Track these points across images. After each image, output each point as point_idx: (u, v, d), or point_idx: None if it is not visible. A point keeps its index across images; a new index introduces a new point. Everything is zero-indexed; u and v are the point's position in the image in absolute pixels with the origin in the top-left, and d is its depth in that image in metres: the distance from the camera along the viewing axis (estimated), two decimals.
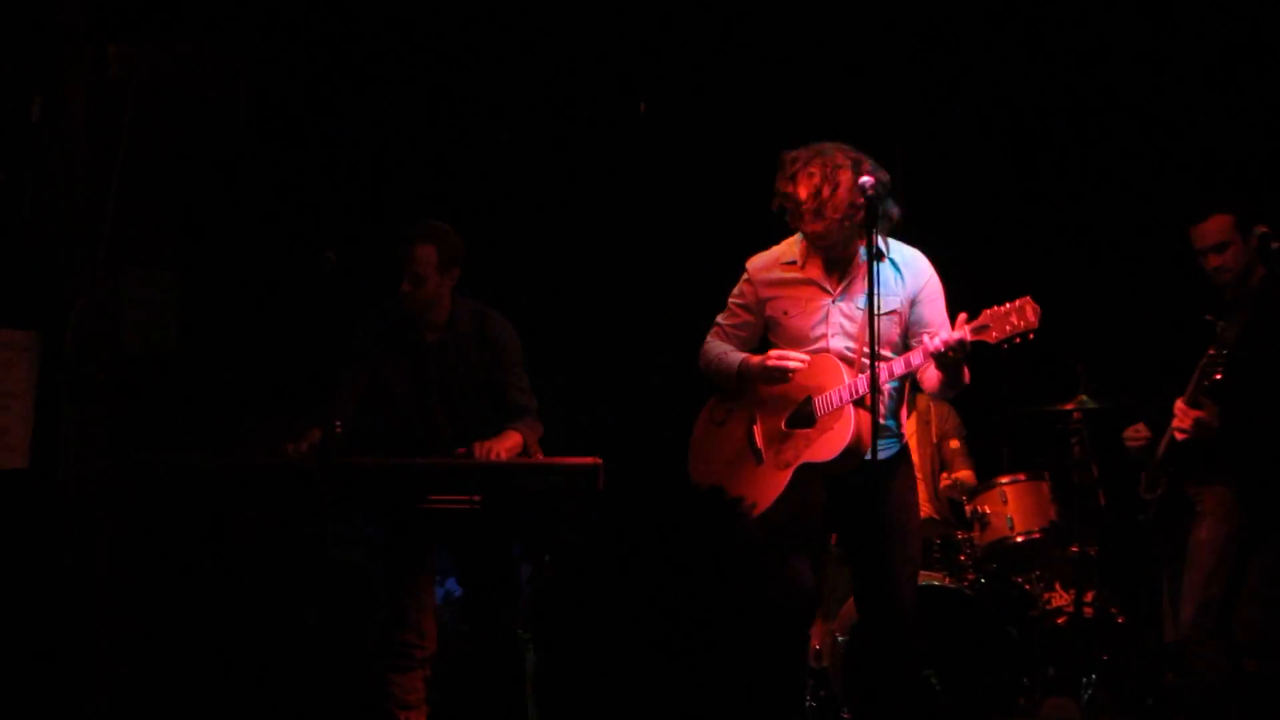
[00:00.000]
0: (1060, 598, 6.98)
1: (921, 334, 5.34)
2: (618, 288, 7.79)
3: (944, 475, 7.48)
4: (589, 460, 5.52)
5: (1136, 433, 5.98)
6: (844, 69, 7.80)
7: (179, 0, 6.26)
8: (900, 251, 5.49)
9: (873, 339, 5.08)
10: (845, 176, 5.27)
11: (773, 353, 5.44)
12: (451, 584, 6.84)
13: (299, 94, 7.34)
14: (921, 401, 7.62)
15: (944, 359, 5.19)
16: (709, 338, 5.71)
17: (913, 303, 5.47)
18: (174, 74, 6.32)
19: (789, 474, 5.37)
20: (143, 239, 6.21)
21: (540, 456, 5.94)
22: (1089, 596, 6.83)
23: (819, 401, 5.37)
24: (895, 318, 5.42)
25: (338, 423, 5.52)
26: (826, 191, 5.26)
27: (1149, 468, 5.93)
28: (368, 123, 7.57)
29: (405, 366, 5.99)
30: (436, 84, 7.65)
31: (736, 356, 5.56)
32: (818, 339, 5.45)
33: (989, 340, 5.23)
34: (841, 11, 7.74)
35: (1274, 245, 5.58)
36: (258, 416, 6.39)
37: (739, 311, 5.65)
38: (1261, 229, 5.62)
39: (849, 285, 5.44)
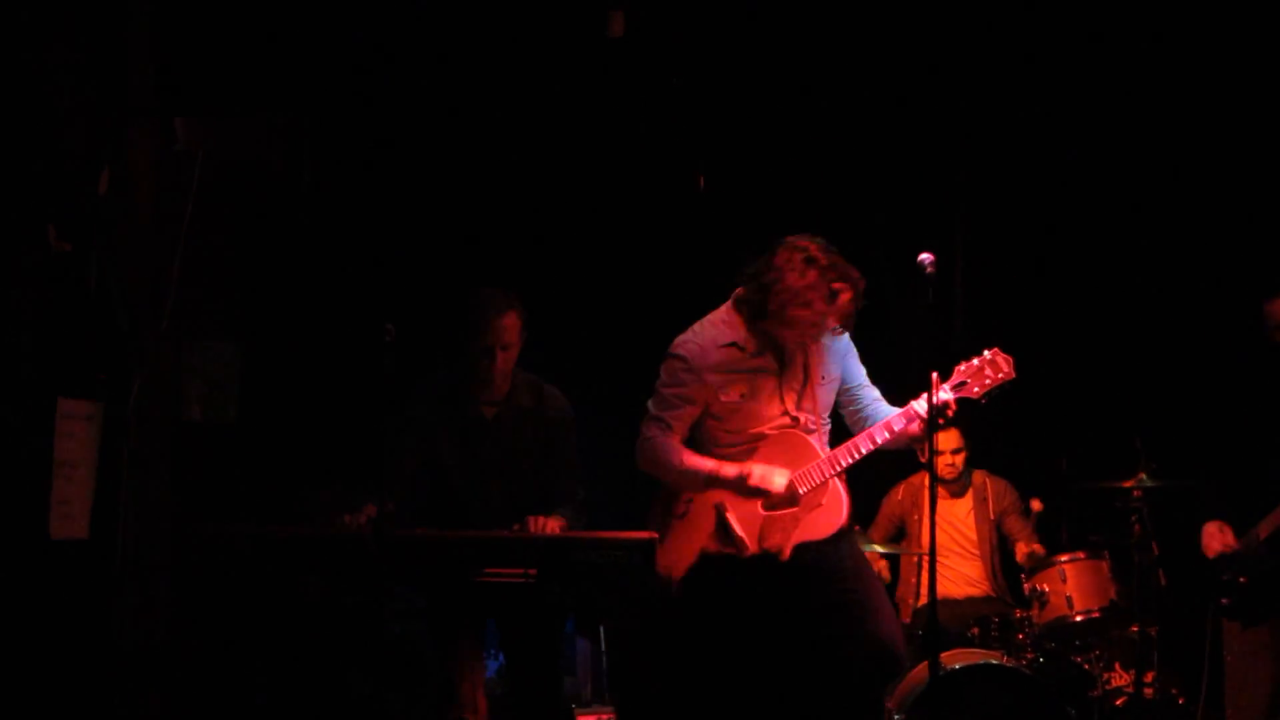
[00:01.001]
0: (1120, 678, 6.91)
1: (909, 403, 5.41)
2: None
3: (1019, 547, 7.45)
4: (645, 535, 5.50)
5: (1222, 541, 5.90)
6: (900, 143, 7.83)
7: (244, 74, 6.35)
8: None
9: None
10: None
11: (755, 473, 5.37)
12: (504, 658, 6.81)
13: (360, 166, 7.41)
14: (978, 478, 7.60)
15: (932, 424, 5.19)
16: (652, 435, 5.51)
17: (843, 360, 5.59)
18: (238, 146, 6.40)
19: (786, 558, 5.39)
20: (205, 310, 6.27)
21: None
22: (1149, 677, 6.75)
23: (797, 478, 5.41)
24: (837, 382, 5.57)
25: (390, 503, 5.53)
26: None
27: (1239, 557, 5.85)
28: (428, 195, 7.62)
29: (460, 440, 5.97)
30: (493, 156, 7.69)
31: (704, 465, 5.45)
32: (777, 415, 5.49)
33: (971, 396, 5.38)
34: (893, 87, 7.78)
35: None
36: (315, 488, 6.41)
37: (678, 403, 5.50)
38: None
39: (786, 358, 5.49)
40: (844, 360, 5.63)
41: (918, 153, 7.89)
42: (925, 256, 5.20)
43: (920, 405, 5.32)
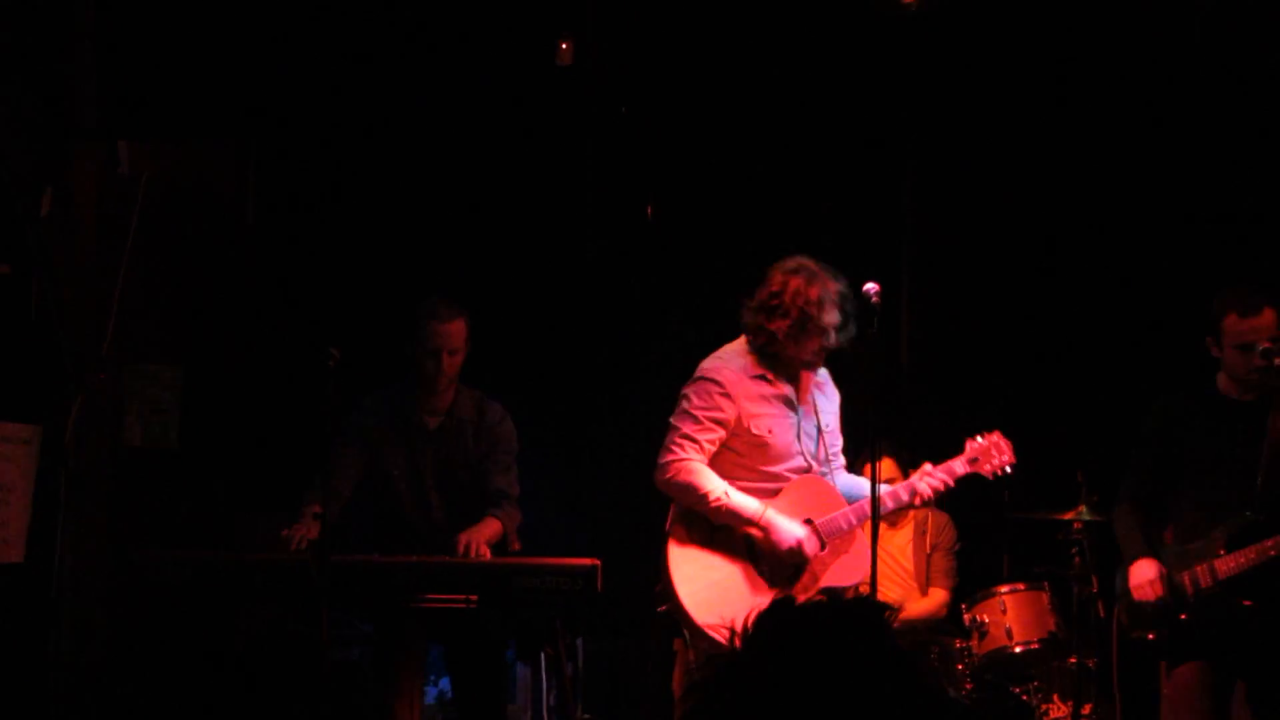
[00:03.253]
0: (1058, 709, 6.92)
1: (929, 469, 5.65)
2: (620, 387, 7.79)
3: (930, 592, 7.43)
4: (588, 561, 5.50)
5: (1157, 589, 5.65)
6: (845, 174, 7.87)
7: (188, 99, 6.33)
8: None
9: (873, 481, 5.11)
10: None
11: (804, 540, 5.39)
12: (445, 684, 6.80)
13: (305, 190, 7.39)
14: (920, 513, 7.60)
15: (939, 493, 5.58)
16: (688, 455, 5.41)
17: (835, 419, 5.74)
18: (182, 170, 6.38)
19: (813, 597, 5.39)
20: (147, 333, 6.24)
21: (517, 545, 5.95)
22: (1087, 709, 6.76)
23: (823, 525, 5.47)
24: (836, 435, 5.73)
25: (332, 514, 5.53)
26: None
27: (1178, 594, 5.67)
28: (373, 220, 7.61)
29: (404, 450, 6.00)
30: (441, 183, 7.69)
31: (751, 506, 5.38)
32: (796, 455, 5.53)
33: (982, 473, 5.79)
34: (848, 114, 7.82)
35: (1276, 361, 5.46)
36: (256, 513, 6.38)
37: (713, 426, 5.44)
38: (1265, 344, 5.52)
39: (801, 399, 5.58)
40: (836, 419, 5.75)
41: (863, 183, 7.93)
42: (871, 286, 5.23)
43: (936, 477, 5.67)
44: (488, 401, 6.09)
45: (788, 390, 5.54)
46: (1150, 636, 5.70)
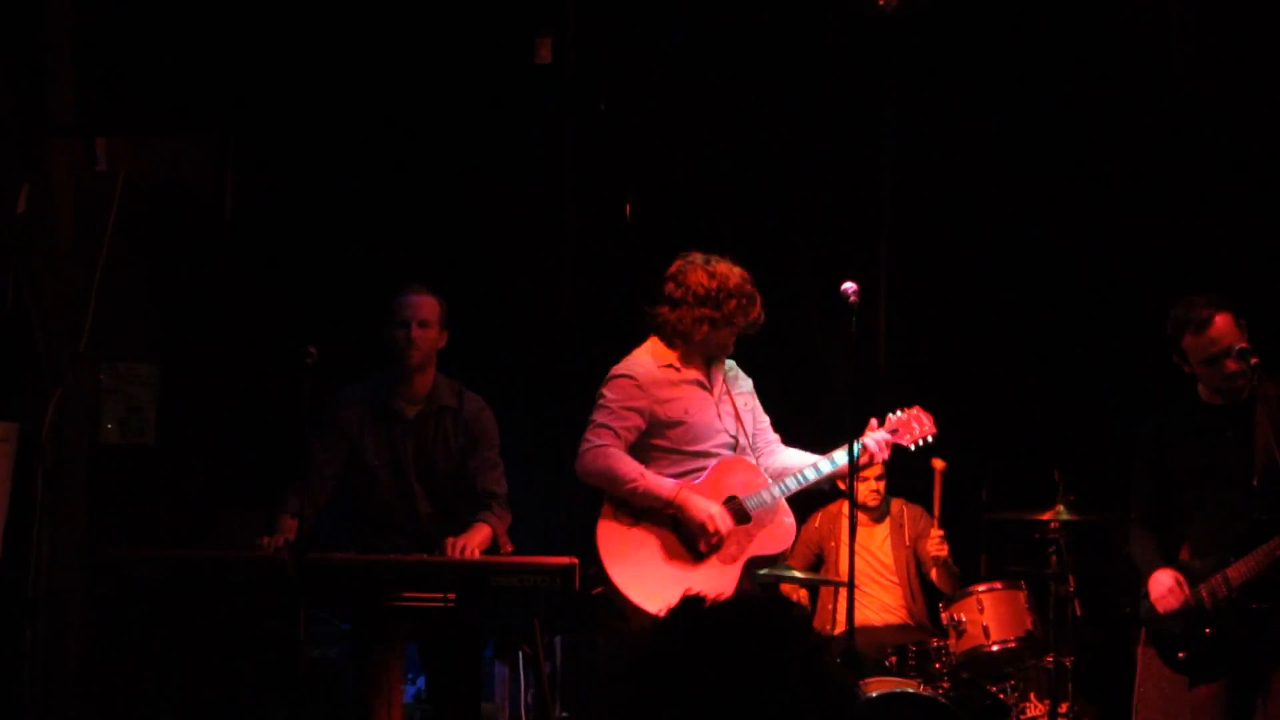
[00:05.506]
0: (1035, 708, 6.94)
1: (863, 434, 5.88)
2: (597, 385, 7.78)
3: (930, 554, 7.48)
4: (565, 560, 5.50)
5: (1180, 597, 5.52)
6: (824, 173, 7.88)
7: (166, 95, 6.32)
8: None
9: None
10: None
11: (715, 516, 5.59)
12: (423, 682, 6.79)
13: (282, 187, 7.37)
14: (895, 505, 7.63)
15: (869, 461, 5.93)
16: (605, 442, 5.66)
17: (752, 399, 6.00)
18: (160, 167, 6.37)
19: (739, 568, 5.69)
20: (124, 331, 6.22)
21: (509, 547, 5.94)
22: (1063, 708, 6.78)
23: (745, 500, 5.73)
24: (752, 415, 5.96)
25: (309, 516, 5.52)
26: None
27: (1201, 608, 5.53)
28: (352, 217, 7.60)
29: (383, 440, 5.99)
30: (418, 180, 7.68)
31: (666, 486, 5.62)
32: (720, 432, 5.78)
33: (903, 443, 6.00)
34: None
35: (1253, 360, 5.46)
36: (235, 510, 6.37)
37: (629, 415, 5.69)
38: (1241, 345, 5.52)
39: (712, 383, 5.85)
40: (753, 401, 6.01)
41: (841, 183, 7.94)
42: (848, 286, 5.26)
43: (872, 438, 5.87)
44: (466, 391, 6.10)
45: (697, 375, 5.81)
46: (1181, 655, 5.52)
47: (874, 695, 6.48)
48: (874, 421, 5.96)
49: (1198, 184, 7.43)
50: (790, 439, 6.10)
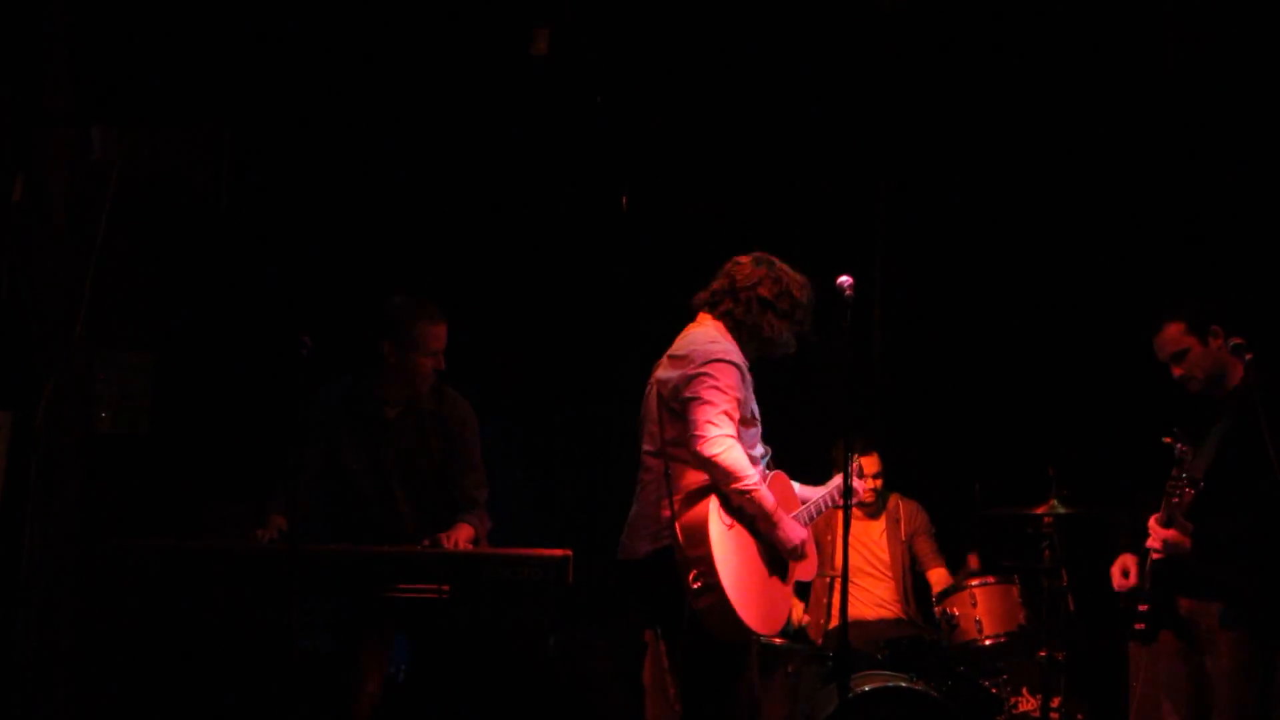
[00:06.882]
0: (1027, 702, 6.95)
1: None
2: (591, 378, 7.79)
3: (931, 575, 7.50)
4: (559, 552, 5.50)
5: (1122, 578, 5.78)
6: (819, 167, 7.89)
7: (162, 85, 6.30)
8: None
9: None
10: None
11: (807, 542, 5.46)
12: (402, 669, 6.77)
13: (278, 177, 7.36)
14: (891, 500, 7.63)
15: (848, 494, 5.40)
16: (730, 433, 5.24)
17: None
18: (155, 156, 6.35)
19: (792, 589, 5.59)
20: (118, 320, 6.21)
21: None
22: (1056, 702, 6.80)
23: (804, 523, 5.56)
24: None
25: (298, 513, 5.51)
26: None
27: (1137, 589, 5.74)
28: (347, 207, 7.59)
29: (363, 442, 5.94)
30: (413, 171, 7.67)
31: (768, 498, 5.29)
32: (758, 443, 5.48)
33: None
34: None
35: (1248, 356, 5.49)
36: (228, 500, 6.36)
37: (737, 406, 5.32)
38: (1236, 340, 5.55)
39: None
40: None
41: (837, 176, 7.94)
42: (844, 279, 5.23)
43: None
44: (446, 390, 6.04)
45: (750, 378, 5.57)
46: (1139, 627, 5.68)
47: (867, 689, 6.49)
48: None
49: (1190, 180, 7.45)
50: (786, 437, 5.99)
